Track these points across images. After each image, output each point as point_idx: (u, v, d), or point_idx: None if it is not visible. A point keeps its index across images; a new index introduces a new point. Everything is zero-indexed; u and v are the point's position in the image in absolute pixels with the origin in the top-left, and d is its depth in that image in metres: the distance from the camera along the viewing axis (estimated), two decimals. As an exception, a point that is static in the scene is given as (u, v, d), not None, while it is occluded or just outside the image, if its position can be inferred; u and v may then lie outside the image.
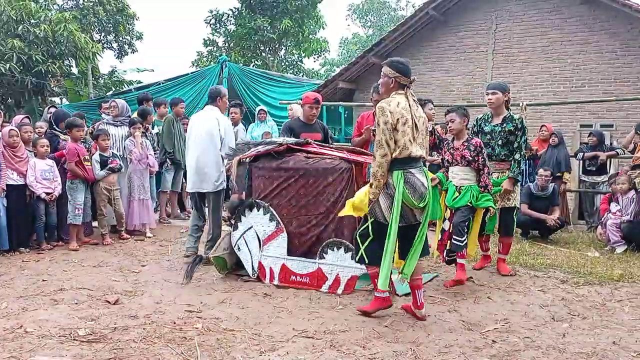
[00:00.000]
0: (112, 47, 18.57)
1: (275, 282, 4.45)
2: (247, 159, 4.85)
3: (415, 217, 3.61)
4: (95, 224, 6.52)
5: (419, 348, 3.17)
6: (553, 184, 7.05)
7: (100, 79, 17.82)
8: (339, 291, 4.26)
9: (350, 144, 5.82)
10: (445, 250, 4.57)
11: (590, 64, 10.65)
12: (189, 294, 4.23)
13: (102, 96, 13.84)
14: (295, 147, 4.63)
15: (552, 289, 4.50)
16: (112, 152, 6.44)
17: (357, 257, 3.75)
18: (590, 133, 8.32)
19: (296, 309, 3.87)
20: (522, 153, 4.74)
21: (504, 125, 4.74)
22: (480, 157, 4.42)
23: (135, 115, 7.43)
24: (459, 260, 4.44)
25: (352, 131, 9.84)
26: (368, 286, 4.36)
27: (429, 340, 3.29)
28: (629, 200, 6.40)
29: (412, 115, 3.53)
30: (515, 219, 4.91)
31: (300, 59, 25.50)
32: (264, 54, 23.02)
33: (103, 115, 7.97)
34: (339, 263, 4.28)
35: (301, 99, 5.69)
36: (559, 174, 7.80)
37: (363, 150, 4.92)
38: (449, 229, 4.50)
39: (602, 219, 6.56)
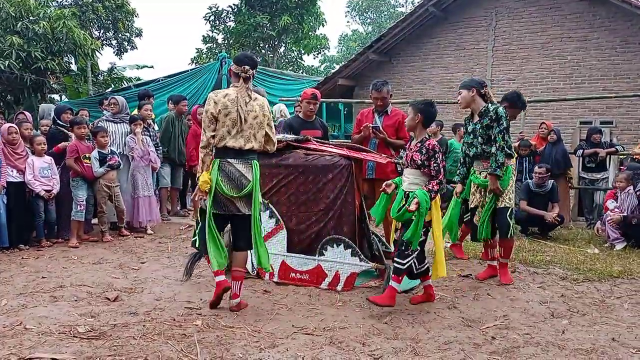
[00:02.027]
0: (111, 43, 18.52)
1: (275, 279, 4.45)
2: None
3: (237, 207, 3.71)
4: (94, 221, 6.51)
5: (419, 345, 3.17)
6: (552, 180, 7.05)
7: (100, 75, 17.76)
8: (339, 288, 4.26)
9: (349, 141, 5.81)
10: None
11: (590, 61, 10.64)
12: (189, 291, 4.24)
13: (101, 93, 13.80)
14: (294, 144, 4.63)
15: (551, 286, 4.50)
16: (111, 149, 6.43)
17: (192, 241, 3.97)
18: (599, 130, 8.29)
19: (296, 306, 3.88)
20: (499, 145, 4.35)
21: (482, 120, 4.46)
22: (432, 162, 3.74)
23: (135, 112, 7.42)
24: (391, 283, 3.77)
25: (351, 128, 9.81)
26: (368, 282, 4.37)
27: (429, 337, 3.29)
28: (626, 195, 6.40)
29: (238, 108, 3.66)
30: (509, 220, 4.47)
31: (299, 55, 25.41)
32: (263, 51, 22.94)
33: (105, 112, 7.97)
34: (338, 260, 4.29)
35: (300, 96, 5.70)
36: (559, 172, 7.78)
37: (363, 147, 4.92)
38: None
39: (604, 216, 6.56)
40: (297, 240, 4.49)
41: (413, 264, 3.83)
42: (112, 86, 17.44)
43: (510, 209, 4.50)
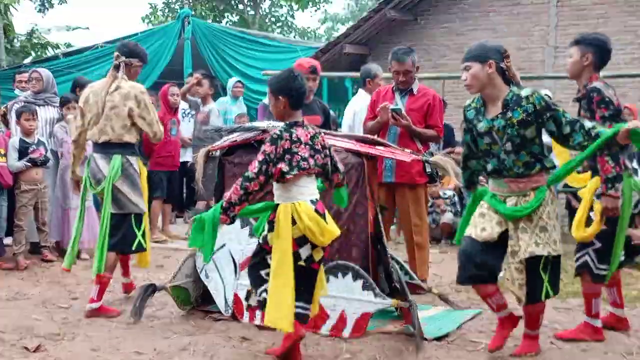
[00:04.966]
0: (32, -4, 18.56)
1: (257, 321, 4.44)
2: (219, 151, 4.84)
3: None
4: (7, 240, 6.51)
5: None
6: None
7: (16, 40, 17.78)
8: (345, 333, 4.25)
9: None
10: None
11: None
12: (138, 337, 4.22)
13: (17, 64, 13.81)
14: (284, 134, 4.63)
15: (639, 331, 4.50)
16: (39, 139, 6.43)
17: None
18: None
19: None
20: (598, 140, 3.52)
21: (508, 114, 3.74)
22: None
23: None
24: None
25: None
26: (385, 327, 4.37)
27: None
28: None
29: (98, 99, 4.69)
30: (543, 277, 3.76)
31: (291, 13, 25.45)
32: (241, 6, 23.00)
33: (17, 92, 7.95)
34: (344, 295, 4.28)
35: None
36: None
37: (378, 139, 4.92)
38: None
39: None
40: (288, 267, 4.49)
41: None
42: (33, 55, 17.45)
43: (547, 259, 3.74)
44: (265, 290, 3.67)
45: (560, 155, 4.26)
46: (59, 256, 6.60)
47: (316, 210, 3.62)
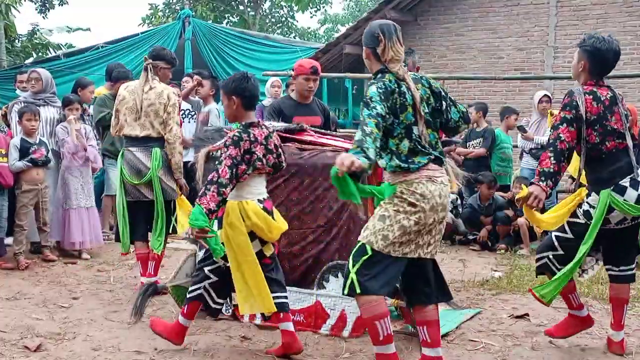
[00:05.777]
0: (33, -3, 18.57)
1: (257, 320, 4.45)
2: (219, 151, 4.84)
3: (143, 194, 5.15)
4: (8, 240, 6.51)
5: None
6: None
7: (17, 41, 17.79)
8: (345, 333, 4.26)
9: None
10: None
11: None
12: (139, 337, 4.23)
13: (18, 65, 13.83)
14: (285, 135, 4.63)
15: (638, 331, 4.49)
16: (40, 139, 6.43)
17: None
18: None
19: (286, 358, 3.85)
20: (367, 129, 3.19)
21: None
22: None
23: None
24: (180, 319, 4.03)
25: (363, 113, 9.64)
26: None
27: (469, 401, 3.28)
28: None
29: (136, 97, 5.14)
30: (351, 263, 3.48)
31: (291, 14, 25.46)
32: (241, 7, 23.02)
33: (19, 92, 7.94)
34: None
35: (292, 70, 5.71)
36: None
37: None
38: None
39: None
40: (289, 267, 4.48)
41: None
42: (34, 55, 17.48)
43: (360, 246, 3.48)
44: (202, 288, 3.92)
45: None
46: (59, 256, 6.61)
47: (264, 208, 3.79)
